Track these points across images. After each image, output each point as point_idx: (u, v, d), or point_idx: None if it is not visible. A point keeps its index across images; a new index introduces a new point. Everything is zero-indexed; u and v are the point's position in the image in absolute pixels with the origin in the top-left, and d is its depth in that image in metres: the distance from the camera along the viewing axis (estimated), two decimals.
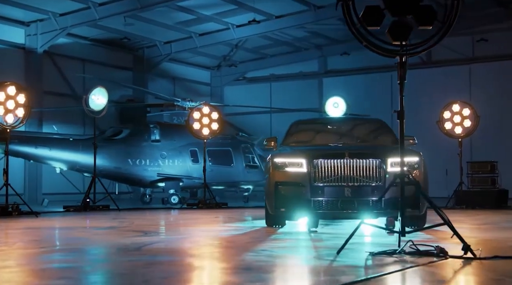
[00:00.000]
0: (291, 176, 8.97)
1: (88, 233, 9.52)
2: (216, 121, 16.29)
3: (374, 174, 8.57)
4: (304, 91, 25.99)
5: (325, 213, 8.80)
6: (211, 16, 22.55)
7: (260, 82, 27.32)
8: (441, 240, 7.12)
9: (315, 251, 6.73)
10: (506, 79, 22.23)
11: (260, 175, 19.72)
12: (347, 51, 25.12)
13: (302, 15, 22.32)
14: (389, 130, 10.60)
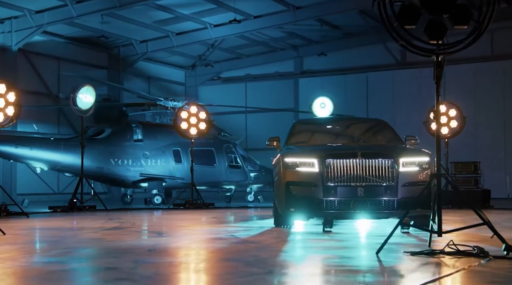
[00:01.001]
0: (302, 176, 8.94)
1: (99, 233, 9.38)
2: (203, 121, 16.21)
3: (387, 174, 8.61)
4: (280, 91, 26.09)
5: (338, 213, 8.74)
6: (189, 15, 22.46)
7: (236, 82, 27.32)
8: (469, 240, 7.19)
9: (351, 252, 6.65)
10: (480, 80, 22.63)
11: (243, 176, 19.76)
12: (324, 51, 25.28)
13: (281, 16, 22.36)
14: (392, 130, 10.72)
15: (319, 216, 9.21)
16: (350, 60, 24.98)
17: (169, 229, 10.03)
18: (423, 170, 8.80)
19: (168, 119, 19.27)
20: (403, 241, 7.59)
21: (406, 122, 20.01)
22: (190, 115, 16.18)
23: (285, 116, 25.85)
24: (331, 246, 7.08)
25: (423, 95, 23.37)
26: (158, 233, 8.99)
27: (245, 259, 5.86)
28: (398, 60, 24.41)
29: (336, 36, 24.78)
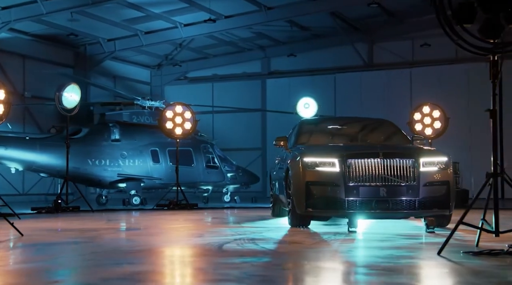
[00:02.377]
0: (323, 175, 8.98)
1: (123, 234, 9.24)
2: (189, 121, 16.13)
3: (408, 174, 8.74)
4: (247, 91, 26.13)
5: (359, 213, 8.82)
6: (160, 14, 22.27)
7: (202, 82, 27.22)
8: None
9: (412, 252, 6.58)
10: (445, 83, 23.18)
11: (220, 176, 19.72)
12: (292, 52, 25.45)
13: (253, 16, 22.41)
14: (400, 130, 10.92)
15: (340, 216, 9.30)
16: (318, 61, 25.23)
17: (193, 231, 9.95)
18: (442, 170, 9.00)
19: (145, 118, 19.10)
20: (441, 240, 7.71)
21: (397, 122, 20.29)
22: (175, 115, 16.06)
23: (252, 116, 26.00)
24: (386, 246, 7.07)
25: (390, 96, 23.84)
26: (199, 235, 8.78)
27: (331, 263, 5.89)
28: (365, 62, 24.79)
29: (304, 37, 24.99)
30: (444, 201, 8.95)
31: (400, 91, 23.90)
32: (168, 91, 27.01)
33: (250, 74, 26.74)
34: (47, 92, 21.73)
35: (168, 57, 26.63)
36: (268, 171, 13.67)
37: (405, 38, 24.16)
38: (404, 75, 24.05)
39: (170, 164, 18.73)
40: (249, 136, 25.58)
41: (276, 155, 12.72)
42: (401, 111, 22.50)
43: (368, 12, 22.96)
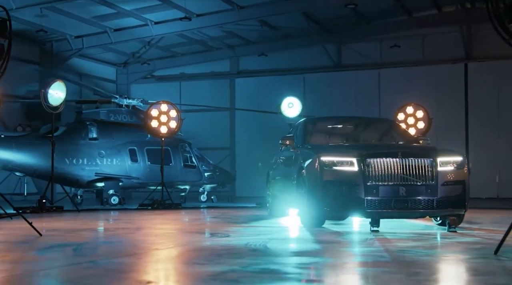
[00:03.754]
0: (342, 175, 9.05)
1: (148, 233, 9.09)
2: (174, 119, 16.00)
3: (427, 173, 8.90)
4: (215, 91, 26.01)
5: (378, 213, 8.89)
6: (131, 11, 21.96)
7: (170, 81, 26.98)
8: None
9: (468, 253, 6.57)
10: (413, 84, 23.57)
11: (198, 175, 19.63)
12: (261, 52, 25.48)
13: (225, 15, 22.29)
14: (405, 130, 11.12)
15: (358, 215, 9.39)
16: (288, 61, 25.33)
17: (212, 231, 9.86)
18: (458, 169, 9.20)
19: (122, 117, 18.86)
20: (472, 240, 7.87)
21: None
22: (161, 113, 15.91)
23: (221, 116, 25.93)
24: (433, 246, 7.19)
25: (359, 97, 24.11)
26: (225, 235, 8.70)
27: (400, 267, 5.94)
28: (334, 62, 25.02)
29: (274, 37, 25.04)
30: (461, 200, 9.15)
31: (368, 92, 24.22)
32: (135, 89, 26.66)
33: (219, 73, 26.63)
34: (15, 89, 21.29)
35: (135, 55, 26.29)
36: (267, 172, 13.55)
37: (374, 40, 24.50)
38: (373, 76, 24.37)
39: (148, 163, 18.58)
40: (217, 135, 25.49)
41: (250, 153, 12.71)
42: (370, 111, 22.90)
43: (338, 13, 23.19)
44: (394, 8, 23.12)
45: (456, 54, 23.57)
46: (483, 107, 23.03)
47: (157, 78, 27.39)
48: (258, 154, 24.73)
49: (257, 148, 25.00)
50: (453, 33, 23.56)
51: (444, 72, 23.57)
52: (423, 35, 24.08)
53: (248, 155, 25.02)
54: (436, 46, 24.01)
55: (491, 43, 23.20)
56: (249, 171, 23.89)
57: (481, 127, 22.91)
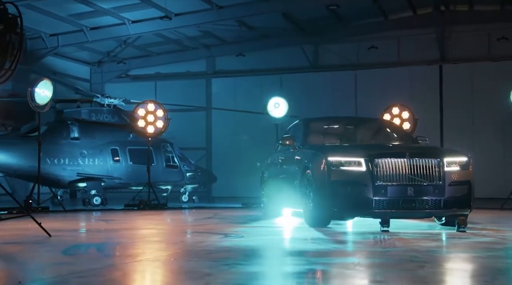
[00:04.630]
0: (350, 175, 9.09)
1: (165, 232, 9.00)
2: (161, 119, 15.88)
3: (434, 174, 8.99)
4: (191, 90, 25.87)
5: (386, 213, 8.97)
6: (109, 9, 21.71)
7: (145, 80, 26.74)
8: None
9: (501, 252, 6.70)
10: (388, 85, 23.81)
11: (179, 175, 19.50)
12: (238, 52, 25.45)
13: (204, 14, 22.19)
14: (405, 131, 11.22)
15: (366, 215, 9.42)
16: (264, 61, 25.34)
17: (223, 231, 9.78)
18: (464, 169, 9.33)
19: (104, 116, 18.64)
20: (489, 240, 7.97)
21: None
22: (148, 113, 15.77)
23: (197, 116, 25.79)
24: (457, 246, 7.25)
25: (336, 98, 24.24)
26: (238, 235, 8.63)
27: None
28: (311, 63, 25.12)
29: (251, 37, 25.02)
30: (466, 200, 9.27)
31: (345, 93, 24.40)
32: (109, 88, 26.32)
33: (195, 73, 26.50)
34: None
35: (111, 54, 25.99)
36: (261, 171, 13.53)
37: (350, 41, 24.67)
38: (349, 77, 24.55)
39: (131, 163, 18.42)
40: (193, 135, 25.35)
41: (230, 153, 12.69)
42: (346, 112, 23.04)
43: (316, 14, 23.32)
44: (371, 10, 23.31)
45: (431, 56, 23.89)
46: (458, 108, 23.40)
47: (132, 77, 27.13)
48: (234, 154, 24.80)
49: (234, 148, 25.02)
50: (428, 35, 23.86)
51: (420, 74, 23.88)
52: (399, 36, 24.35)
53: (224, 155, 24.98)
54: (412, 47, 24.30)
55: (464, 45, 23.70)
56: (225, 171, 23.85)
57: (456, 127, 23.26)
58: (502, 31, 22.95)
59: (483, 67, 23.27)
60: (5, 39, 8.07)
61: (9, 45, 8.03)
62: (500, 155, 22.84)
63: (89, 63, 26.93)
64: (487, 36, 23.56)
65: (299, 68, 25.18)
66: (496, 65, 23.08)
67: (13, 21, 8.14)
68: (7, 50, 8.02)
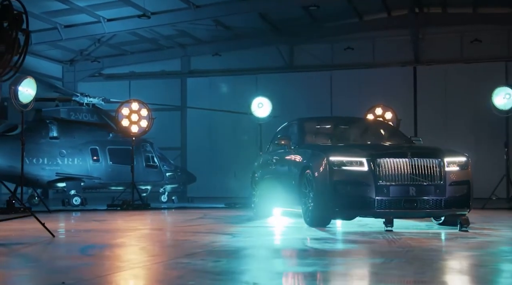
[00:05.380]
0: (352, 175, 9.11)
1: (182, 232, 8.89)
2: (145, 118, 15.73)
3: (436, 174, 9.07)
4: (166, 90, 25.68)
5: (387, 212, 8.99)
6: (84, 7, 21.41)
7: (119, 80, 26.46)
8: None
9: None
10: (363, 86, 24.00)
11: (159, 175, 19.35)
12: (214, 51, 25.37)
13: (181, 13, 22.07)
14: (399, 131, 11.32)
15: (368, 215, 9.46)
16: (240, 61, 25.31)
17: (216, 229, 9.71)
18: (463, 169, 9.45)
19: (83, 115, 18.39)
20: (495, 239, 8.09)
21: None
22: (132, 112, 15.61)
23: (172, 116, 25.62)
24: (469, 245, 7.33)
25: (311, 98, 24.31)
26: (232, 234, 8.64)
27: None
28: (287, 63, 25.17)
29: (227, 36, 24.96)
30: (466, 200, 9.39)
31: (320, 93, 24.50)
32: (82, 87, 25.93)
33: (170, 72, 26.31)
34: None
35: (84, 52, 25.64)
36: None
37: (325, 42, 24.80)
38: (325, 77, 24.67)
39: (110, 163, 18.21)
40: (168, 135, 25.16)
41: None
42: (321, 113, 23.14)
43: (292, 14, 23.37)
44: (346, 11, 23.46)
45: (405, 57, 24.16)
46: (431, 109, 23.70)
47: (105, 76, 26.81)
48: (209, 155, 24.73)
49: (209, 148, 24.95)
50: (403, 36, 24.12)
51: (394, 75, 24.11)
52: (374, 38, 24.58)
53: (200, 155, 24.87)
54: (387, 49, 24.54)
55: (438, 47, 24.04)
56: (200, 171, 23.73)
57: (429, 128, 23.53)
58: (474, 33, 23.35)
59: (456, 69, 23.63)
60: (10, 36, 7.90)
61: (15, 42, 7.85)
62: (472, 155, 23.08)
63: (61, 62, 26.54)
64: (460, 38, 23.94)
65: (274, 68, 25.20)
66: (468, 67, 23.47)
67: (18, 18, 7.95)
68: (13, 47, 7.84)
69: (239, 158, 24.66)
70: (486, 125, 22.53)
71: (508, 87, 15.35)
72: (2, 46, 7.97)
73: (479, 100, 22.92)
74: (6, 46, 7.97)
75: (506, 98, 15.26)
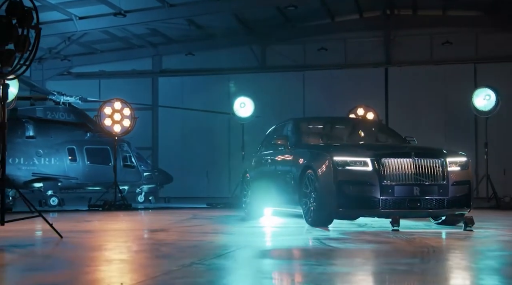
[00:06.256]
0: (356, 174, 9.12)
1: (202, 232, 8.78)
2: (128, 118, 15.53)
3: (439, 174, 9.16)
4: (137, 89, 25.40)
5: (391, 212, 9.03)
6: (56, 4, 21.05)
7: (89, 78, 26.08)
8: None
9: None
10: (336, 86, 24.20)
11: (137, 176, 19.12)
12: (188, 51, 25.23)
13: (155, 12, 21.93)
14: (393, 131, 11.41)
15: (372, 215, 9.50)
16: (213, 61, 25.22)
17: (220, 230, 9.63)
18: (464, 169, 9.56)
19: (60, 115, 18.06)
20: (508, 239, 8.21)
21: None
22: (114, 111, 15.39)
23: (143, 115, 25.32)
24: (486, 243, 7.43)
25: (284, 98, 24.39)
26: (258, 235, 8.55)
27: None
28: (260, 63, 25.19)
29: (199, 36, 24.84)
30: (467, 200, 9.52)
31: (293, 93, 24.58)
32: (50, 86, 25.37)
33: (141, 71, 26.06)
34: None
35: (53, 50, 25.19)
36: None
37: (298, 42, 24.90)
38: (297, 77, 24.76)
39: (88, 163, 17.93)
40: (139, 135, 24.86)
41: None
42: (294, 113, 23.23)
43: (265, 14, 23.43)
44: (318, 12, 23.59)
45: (377, 58, 24.45)
46: (402, 109, 24.01)
47: (74, 75, 26.41)
48: (181, 155, 24.59)
49: (181, 148, 24.82)
50: (374, 38, 24.41)
51: (366, 75, 24.36)
52: (346, 39, 24.77)
53: (171, 155, 24.71)
54: (358, 50, 24.79)
55: (408, 48, 24.37)
56: (172, 171, 23.55)
57: (400, 128, 23.63)
58: (444, 35, 23.74)
59: (427, 70, 23.98)
60: (21, 33, 7.73)
61: (26, 39, 7.68)
62: None
63: None
64: (430, 40, 24.32)
65: (247, 68, 25.19)
66: (438, 68, 23.85)
67: (28, 14, 7.77)
68: (24, 44, 7.67)
69: (211, 158, 24.63)
70: (456, 125, 22.98)
71: (488, 88, 15.60)
72: (11, 43, 7.80)
73: (450, 101, 23.45)
74: (15, 43, 7.79)
75: (486, 99, 15.52)
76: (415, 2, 23.42)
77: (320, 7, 23.04)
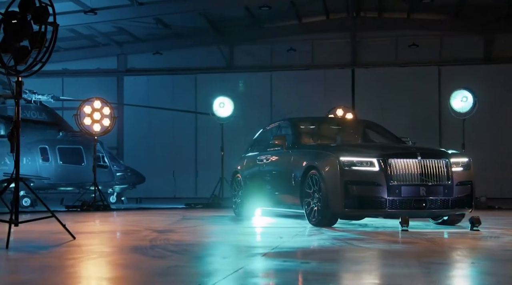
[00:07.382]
0: (363, 175, 9.18)
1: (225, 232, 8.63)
2: (107, 117, 15.24)
3: (443, 174, 9.30)
4: (101, 88, 24.74)
5: (397, 212, 9.10)
6: None
7: (51, 76, 25.42)
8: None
9: None
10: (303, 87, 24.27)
11: (109, 176, 18.79)
12: (154, 50, 24.92)
13: (123, 10, 21.57)
14: (388, 131, 11.50)
15: (379, 215, 9.58)
16: (180, 60, 24.99)
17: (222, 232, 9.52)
18: (467, 170, 9.74)
19: (31, 113, 17.59)
20: None
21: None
22: (94, 111, 15.08)
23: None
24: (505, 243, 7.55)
25: (251, 99, 24.30)
26: (277, 236, 8.50)
27: None
28: (227, 63, 25.07)
29: (166, 35, 24.57)
30: (470, 200, 9.69)
31: (260, 94, 24.54)
32: None
33: (106, 70, 25.59)
34: None
35: None
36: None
37: (265, 42, 24.89)
38: (265, 78, 24.73)
39: (60, 163, 17.53)
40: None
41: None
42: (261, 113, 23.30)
43: (233, 14, 23.34)
44: (285, 12, 23.61)
45: (344, 60, 24.62)
46: (369, 110, 24.18)
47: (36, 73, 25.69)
48: (147, 155, 24.28)
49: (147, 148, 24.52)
50: (341, 39, 24.59)
51: (334, 76, 24.50)
52: (313, 40, 24.86)
53: (137, 155, 24.36)
54: (325, 51, 24.89)
55: (374, 50, 24.65)
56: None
57: None
58: (409, 38, 24.07)
59: (392, 72, 24.27)
60: (37, 30, 7.48)
61: (43, 36, 7.44)
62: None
63: None
64: (395, 42, 24.63)
65: (214, 68, 25.04)
66: (404, 70, 24.16)
67: (43, 11, 7.52)
68: (41, 41, 7.42)
69: (178, 158, 24.40)
70: (423, 126, 23.31)
71: (465, 90, 15.90)
72: (25, 39, 7.55)
73: (415, 102, 23.80)
74: (30, 39, 7.54)
75: (463, 101, 15.81)
76: (381, 5, 23.68)
77: (288, 8, 23.07)
